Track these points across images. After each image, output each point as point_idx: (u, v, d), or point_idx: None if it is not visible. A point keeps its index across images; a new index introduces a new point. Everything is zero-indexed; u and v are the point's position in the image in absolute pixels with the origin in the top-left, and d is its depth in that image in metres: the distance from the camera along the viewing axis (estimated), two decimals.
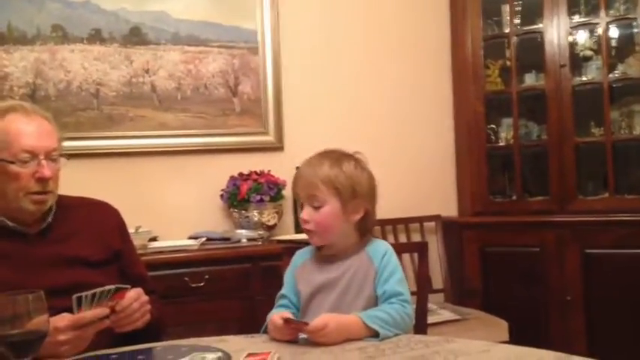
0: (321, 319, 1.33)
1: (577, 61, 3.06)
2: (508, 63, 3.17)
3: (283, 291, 1.56)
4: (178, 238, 2.75)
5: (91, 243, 1.57)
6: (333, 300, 1.46)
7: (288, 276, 1.58)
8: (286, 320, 1.35)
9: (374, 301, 1.44)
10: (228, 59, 3.02)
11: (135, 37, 2.88)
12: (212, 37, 2.99)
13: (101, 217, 1.67)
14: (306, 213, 1.49)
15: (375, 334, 1.34)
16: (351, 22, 3.25)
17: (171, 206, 2.89)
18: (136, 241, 2.03)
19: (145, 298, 1.45)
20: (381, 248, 1.50)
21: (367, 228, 1.54)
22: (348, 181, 1.47)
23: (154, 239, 2.70)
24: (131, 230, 1.85)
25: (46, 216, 1.54)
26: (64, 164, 1.55)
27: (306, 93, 3.15)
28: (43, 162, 1.46)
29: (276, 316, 1.36)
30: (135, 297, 1.40)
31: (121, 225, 1.72)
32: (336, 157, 1.51)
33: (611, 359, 1.10)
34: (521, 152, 3.14)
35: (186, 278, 2.45)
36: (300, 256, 1.59)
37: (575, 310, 2.84)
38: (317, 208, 1.47)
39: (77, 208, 1.64)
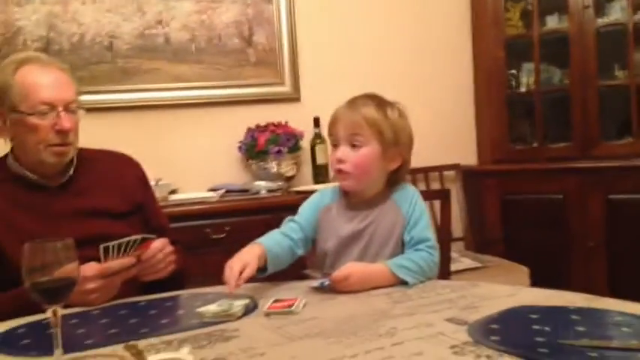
0: (345, 268, 1.33)
1: (601, 1, 2.96)
2: (529, 7, 3.07)
3: (298, 220, 1.50)
4: (198, 190, 2.76)
5: (113, 195, 1.57)
6: (361, 249, 1.44)
7: (307, 211, 1.52)
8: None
9: (401, 249, 1.43)
10: (242, 8, 2.96)
11: None
12: None
13: (122, 169, 1.67)
14: (342, 152, 1.43)
15: (402, 283, 1.34)
16: None
17: (190, 159, 2.88)
18: (157, 194, 2.03)
19: (170, 248, 1.45)
20: (408, 194, 1.48)
21: (398, 179, 1.51)
22: (392, 127, 1.43)
23: (174, 192, 2.71)
24: (152, 183, 1.85)
25: (68, 168, 1.54)
26: (82, 116, 1.54)
27: (322, 42, 3.09)
28: (62, 114, 1.45)
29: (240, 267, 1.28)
30: (160, 247, 1.41)
31: (142, 177, 1.72)
32: (380, 101, 1.47)
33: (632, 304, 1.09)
34: (542, 98, 3.07)
35: (207, 230, 2.46)
36: (324, 197, 1.54)
37: (598, 256, 2.83)
38: (356, 149, 1.42)
39: (98, 160, 1.63)
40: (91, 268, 1.29)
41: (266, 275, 1.39)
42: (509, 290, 1.26)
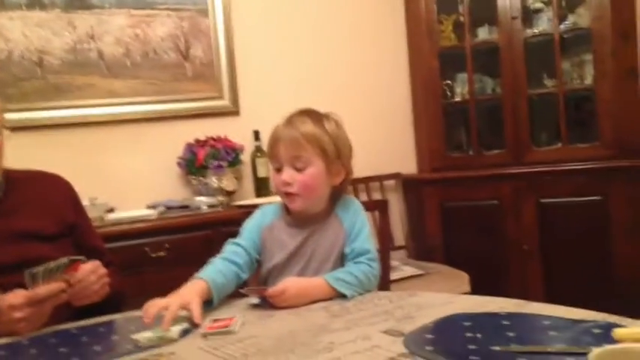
0: (282, 283, 1.32)
1: (528, 13, 3.08)
2: (461, 18, 3.16)
3: (241, 242, 1.47)
4: (136, 208, 2.69)
5: (42, 216, 1.52)
6: (302, 265, 1.44)
7: (251, 231, 1.49)
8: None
9: (342, 262, 1.43)
10: (177, 22, 2.93)
11: (77, 1, 2.75)
12: None
13: (52, 190, 1.61)
14: (287, 175, 1.41)
15: (341, 296, 1.34)
16: None
17: (128, 176, 2.82)
18: (93, 213, 1.98)
19: (103, 270, 1.41)
20: (350, 207, 1.49)
21: (341, 191, 1.51)
22: (333, 141, 1.42)
23: (111, 210, 2.64)
24: (87, 202, 1.80)
25: None
26: (7, 137, 1.48)
27: (260, 54, 3.09)
28: None
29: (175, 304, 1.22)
30: (91, 269, 1.36)
31: (73, 197, 1.66)
32: (316, 116, 1.45)
33: (566, 305, 1.12)
34: (476, 107, 3.16)
35: (146, 248, 2.41)
36: (266, 216, 1.52)
37: (532, 259, 2.93)
38: (300, 170, 1.41)
39: (26, 181, 1.57)
40: (17, 296, 1.23)
41: (213, 308, 1.34)
42: (446, 298, 1.28)
